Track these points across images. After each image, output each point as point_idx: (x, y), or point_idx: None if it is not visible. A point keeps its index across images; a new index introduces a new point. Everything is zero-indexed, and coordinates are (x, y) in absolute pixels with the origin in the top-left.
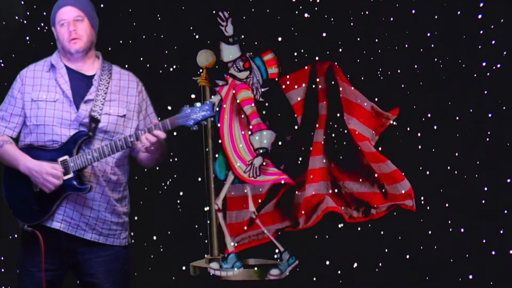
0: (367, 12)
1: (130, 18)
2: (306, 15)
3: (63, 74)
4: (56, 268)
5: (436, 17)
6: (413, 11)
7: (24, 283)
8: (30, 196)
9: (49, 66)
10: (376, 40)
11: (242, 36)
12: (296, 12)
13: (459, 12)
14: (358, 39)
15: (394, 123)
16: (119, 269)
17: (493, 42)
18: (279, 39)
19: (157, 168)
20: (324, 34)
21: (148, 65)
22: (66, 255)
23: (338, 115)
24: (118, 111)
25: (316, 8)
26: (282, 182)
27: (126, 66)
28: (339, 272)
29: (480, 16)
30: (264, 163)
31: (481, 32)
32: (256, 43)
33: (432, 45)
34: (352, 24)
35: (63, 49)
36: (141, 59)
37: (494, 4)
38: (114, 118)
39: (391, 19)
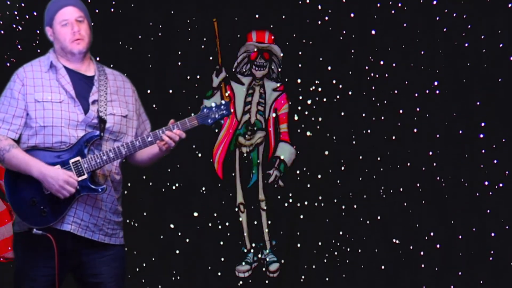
0: (369, 131)
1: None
2: (308, 133)
3: (63, 74)
4: (58, 272)
5: (437, 136)
6: (415, 130)
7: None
8: (40, 198)
9: (47, 66)
10: (378, 159)
11: None
12: (299, 131)
13: (460, 132)
14: (360, 157)
15: None
16: (120, 268)
17: (495, 161)
18: (282, 157)
19: None
20: (326, 153)
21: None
22: (69, 257)
23: None
24: (121, 112)
25: (318, 127)
26: None
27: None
28: None
29: (481, 136)
30: None
31: (483, 151)
32: None
33: (434, 164)
34: (354, 142)
35: (63, 50)
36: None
37: (495, 124)
38: (119, 118)
39: (393, 137)
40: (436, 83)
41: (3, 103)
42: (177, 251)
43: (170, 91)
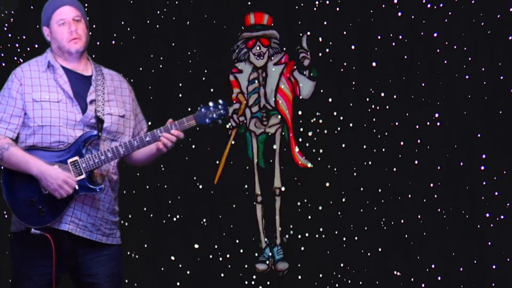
0: (370, 163)
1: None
2: (309, 165)
3: (61, 74)
4: (56, 271)
5: (438, 167)
6: (416, 162)
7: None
8: (38, 198)
9: (45, 66)
10: (379, 191)
11: None
12: (299, 162)
13: (461, 163)
14: (361, 189)
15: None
16: (116, 267)
17: (496, 193)
18: (282, 188)
19: None
20: (327, 184)
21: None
22: (66, 257)
23: None
24: (118, 111)
25: (319, 158)
26: None
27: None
28: None
29: (482, 168)
30: None
31: (484, 183)
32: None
33: (435, 196)
34: (355, 174)
35: (60, 49)
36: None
37: (496, 156)
38: (116, 118)
39: (394, 169)
40: (437, 115)
41: (1, 102)
42: (178, 283)
43: None
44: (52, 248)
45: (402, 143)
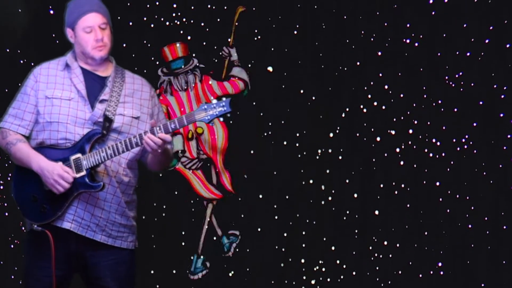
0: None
1: None
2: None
3: (78, 74)
4: (63, 274)
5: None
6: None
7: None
8: (41, 195)
9: (63, 65)
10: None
11: None
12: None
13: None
14: None
15: None
16: (125, 272)
17: None
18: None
19: None
20: None
21: None
22: (75, 259)
23: None
24: (132, 113)
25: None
26: None
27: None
28: None
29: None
30: None
31: None
32: None
33: None
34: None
35: (84, 54)
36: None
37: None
38: (128, 119)
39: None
40: (440, 264)
41: (17, 99)
42: None
43: None
44: (52, 244)
45: None
